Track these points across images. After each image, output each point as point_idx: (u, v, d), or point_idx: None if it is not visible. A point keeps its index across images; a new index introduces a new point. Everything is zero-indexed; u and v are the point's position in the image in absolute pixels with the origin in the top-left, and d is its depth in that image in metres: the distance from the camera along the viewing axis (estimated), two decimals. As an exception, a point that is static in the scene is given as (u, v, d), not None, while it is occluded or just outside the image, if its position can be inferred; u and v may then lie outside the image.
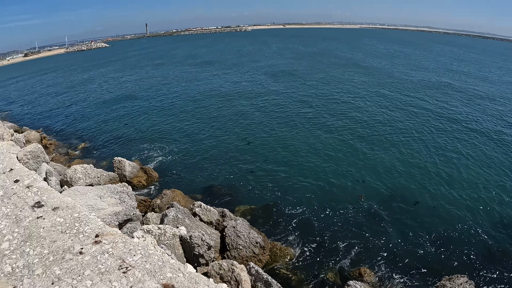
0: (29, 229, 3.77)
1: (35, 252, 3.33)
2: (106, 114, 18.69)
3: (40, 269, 3.07)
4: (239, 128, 14.18)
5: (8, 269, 3.12)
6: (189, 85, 24.92)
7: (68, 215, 4.04)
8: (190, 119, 16.03)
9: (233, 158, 11.11)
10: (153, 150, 12.34)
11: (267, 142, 12.43)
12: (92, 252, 3.20)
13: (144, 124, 15.87)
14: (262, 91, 21.18)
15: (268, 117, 15.61)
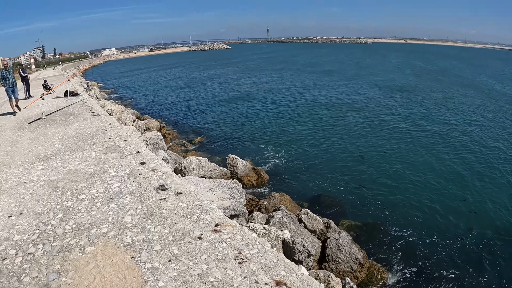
0: (152, 208, 4.24)
1: (156, 230, 3.76)
2: (224, 112, 21.90)
3: (159, 246, 3.48)
4: (353, 140, 15.13)
5: (128, 240, 3.62)
6: (306, 92, 27.82)
7: (190, 202, 4.42)
8: (305, 126, 17.72)
9: (344, 170, 11.81)
10: (267, 152, 13.79)
11: (380, 158, 13.00)
12: (210, 239, 3.55)
13: (260, 126, 18.02)
14: (378, 106, 22.28)
15: (383, 132, 16.30)
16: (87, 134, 8.40)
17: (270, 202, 8.54)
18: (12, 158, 6.99)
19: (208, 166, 10.02)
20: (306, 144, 14.69)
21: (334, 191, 10.28)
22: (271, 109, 21.99)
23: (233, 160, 10.75)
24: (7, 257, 3.45)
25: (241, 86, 33.27)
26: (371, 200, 9.81)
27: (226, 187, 7.80)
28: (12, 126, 10.53)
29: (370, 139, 15.23)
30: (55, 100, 15.24)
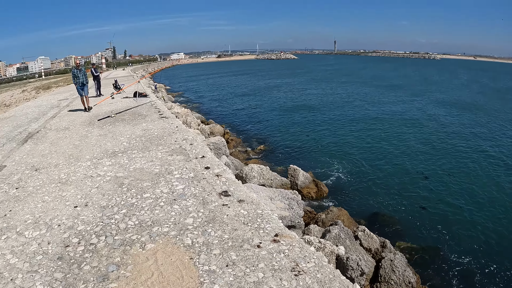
0: (214, 213, 4.62)
1: (216, 234, 4.13)
2: (288, 122, 23.90)
3: (218, 250, 3.81)
4: (416, 158, 16.00)
5: (189, 242, 4.02)
6: (371, 106, 29.64)
7: (252, 210, 4.70)
8: (368, 141, 18.88)
9: (406, 189, 12.51)
10: (328, 165, 14.77)
11: (444, 179, 13.50)
12: (269, 249, 3.83)
13: (323, 138, 19.44)
14: (444, 124, 23.32)
15: (447, 152, 17.01)
16: (154, 135, 9.33)
17: (328, 216, 9.29)
18: (81, 152, 8.11)
19: (269, 175, 10.92)
20: (368, 159, 15.58)
21: (394, 210, 10.96)
22: (335, 122, 23.64)
23: (295, 171, 11.66)
24: (70, 245, 4.07)
25: (306, 96, 36.32)
26: (431, 222, 10.32)
27: (285, 197, 8.49)
28: (82, 121, 12.18)
29: (434, 158, 16.05)
30: (124, 100, 17.18)
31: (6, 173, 7.01)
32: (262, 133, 20.61)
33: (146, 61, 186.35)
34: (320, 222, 9.14)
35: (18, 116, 15.12)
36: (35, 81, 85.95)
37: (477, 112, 28.15)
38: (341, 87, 46.22)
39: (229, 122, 23.93)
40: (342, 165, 14.77)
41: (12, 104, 24.29)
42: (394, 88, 44.79)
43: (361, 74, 68.83)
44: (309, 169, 13.64)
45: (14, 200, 5.50)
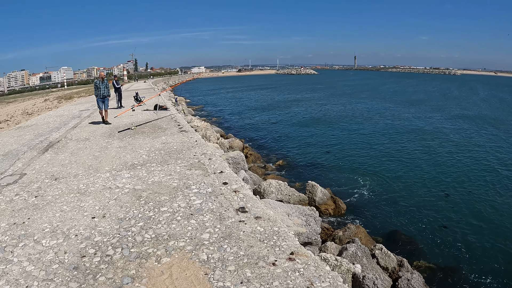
0: (230, 229, 4.68)
1: (232, 250, 4.18)
2: (308, 137, 24.27)
3: (233, 267, 3.86)
4: (438, 175, 15.98)
5: (204, 257, 4.07)
6: (391, 122, 30.25)
7: (268, 227, 4.74)
8: (388, 157, 19.08)
9: (426, 207, 12.46)
10: (347, 182, 14.87)
11: (466, 197, 13.50)
12: (284, 267, 3.86)
13: (342, 154, 19.66)
14: (465, 141, 23.22)
15: (472, 170, 16.94)
16: (174, 148, 9.51)
17: (345, 233, 9.38)
18: (100, 163, 8.33)
19: (287, 191, 11.05)
20: (388, 176, 15.68)
21: (413, 228, 11.00)
22: (355, 138, 23.98)
23: (313, 187, 11.78)
24: (86, 255, 4.17)
25: (325, 111, 37.17)
26: (452, 242, 10.31)
27: (302, 214, 8.59)
28: (102, 132, 12.53)
29: (455, 175, 16.17)
30: (144, 112, 17.60)
31: (26, 181, 7.27)
32: (281, 148, 20.85)
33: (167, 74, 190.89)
34: (337, 239, 9.23)
35: (39, 125, 15.68)
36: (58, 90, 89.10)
37: (497, 128, 28.24)
38: (361, 102, 46.81)
39: (249, 136, 24.30)
40: (361, 181, 14.85)
41: (35, 113, 25.19)
42: (412, 104, 45.12)
43: (381, 90, 70.22)
44: (328, 185, 13.72)
45: (33, 208, 5.69)
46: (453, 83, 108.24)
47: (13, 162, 9.03)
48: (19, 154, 9.94)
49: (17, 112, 29.38)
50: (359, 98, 53.55)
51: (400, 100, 50.17)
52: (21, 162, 8.97)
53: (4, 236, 4.74)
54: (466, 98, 55.80)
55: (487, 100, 53.07)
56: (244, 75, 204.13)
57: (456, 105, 44.91)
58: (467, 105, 45.45)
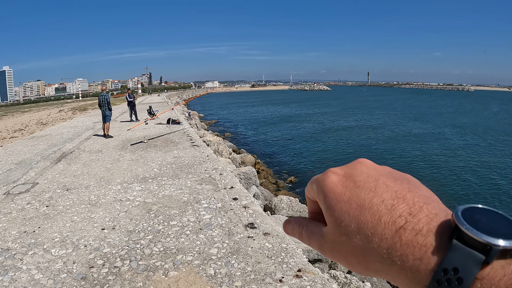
0: (238, 245, 4.71)
1: (239, 266, 4.21)
2: (320, 154, 24.43)
3: (240, 282, 3.88)
4: (455, 192, 16.16)
5: (211, 272, 4.12)
6: (404, 139, 30.54)
7: (276, 243, 4.76)
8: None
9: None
10: None
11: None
12: (291, 284, 3.86)
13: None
14: (478, 156, 23.31)
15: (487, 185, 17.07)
16: (185, 163, 9.63)
17: None
18: (112, 175, 8.49)
19: (298, 207, 11.02)
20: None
21: None
22: (369, 154, 24.08)
23: None
24: (95, 266, 4.25)
25: (338, 128, 37.37)
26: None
27: None
28: (115, 145, 12.76)
29: (472, 190, 16.31)
30: (157, 126, 17.88)
31: (38, 190, 7.45)
32: (294, 164, 20.93)
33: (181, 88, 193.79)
34: None
35: (53, 135, 16.06)
36: (72, 102, 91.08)
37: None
38: (375, 118, 47.37)
39: (261, 151, 24.42)
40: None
41: (49, 123, 25.81)
42: (424, 120, 45.72)
43: (393, 107, 71.36)
44: None
45: (43, 218, 5.83)
46: (466, 98, 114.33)
47: (26, 171, 9.27)
48: (32, 163, 10.20)
49: (32, 122, 30.15)
50: (372, 114, 54.18)
51: (411, 116, 50.53)
52: (34, 171, 9.20)
53: (14, 244, 4.87)
54: (479, 114, 57.08)
55: (498, 114, 55.26)
56: (258, 91, 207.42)
57: (470, 122, 45.31)
58: (479, 120, 46.35)
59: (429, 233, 0.34)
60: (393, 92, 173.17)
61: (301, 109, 63.62)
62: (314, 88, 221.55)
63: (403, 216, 0.36)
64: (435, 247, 0.33)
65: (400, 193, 0.38)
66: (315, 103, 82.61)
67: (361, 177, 0.43)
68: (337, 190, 0.43)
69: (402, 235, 0.35)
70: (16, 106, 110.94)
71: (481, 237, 0.30)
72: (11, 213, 6.12)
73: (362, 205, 0.39)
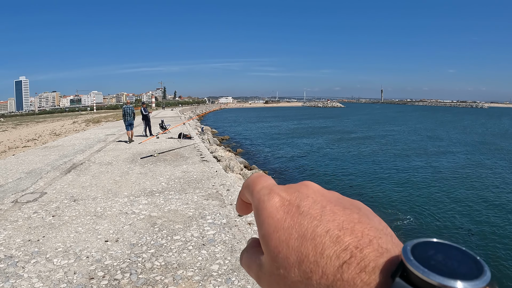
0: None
1: (239, 283, 4.20)
2: (333, 171, 24.30)
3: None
4: (463, 214, 15.75)
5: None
6: (418, 157, 30.34)
7: None
8: (415, 190, 19.26)
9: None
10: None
11: (496, 240, 13.13)
12: None
13: (364, 188, 19.67)
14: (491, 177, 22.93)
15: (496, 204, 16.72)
16: (193, 178, 9.71)
17: None
18: (120, 188, 8.61)
19: None
20: (411, 211, 15.70)
21: None
22: (380, 173, 23.88)
23: None
24: (95, 278, 4.31)
25: (350, 144, 37.43)
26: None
27: None
28: (125, 158, 12.96)
29: (481, 212, 15.95)
30: (168, 140, 18.10)
31: (45, 199, 7.60)
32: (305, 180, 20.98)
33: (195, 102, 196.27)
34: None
35: (65, 146, 16.39)
36: (87, 113, 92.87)
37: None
38: (387, 136, 47.18)
39: (273, 168, 24.46)
40: (383, 215, 14.62)
41: (62, 134, 26.34)
42: (435, 138, 45.50)
43: (406, 124, 71.27)
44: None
45: (49, 227, 5.94)
46: (479, 115, 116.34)
47: (35, 180, 9.47)
48: (42, 173, 10.42)
49: (45, 132, 30.81)
50: (383, 130, 54.30)
51: (423, 135, 49.94)
52: (43, 181, 9.39)
53: (18, 252, 4.97)
54: (489, 130, 57.73)
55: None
56: (271, 107, 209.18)
57: (480, 140, 44.95)
58: (488, 139, 46.22)
59: (375, 270, 0.29)
60: (406, 109, 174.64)
61: (314, 127, 63.39)
62: (327, 105, 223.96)
63: (348, 249, 0.31)
64: (377, 287, 0.28)
65: (349, 223, 0.34)
66: (327, 120, 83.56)
67: (306, 202, 0.38)
68: (277, 216, 0.37)
69: (345, 272, 0.30)
70: (31, 116, 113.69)
71: (431, 276, 0.25)
72: (17, 221, 6.26)
73: (304, 234, 0.34)
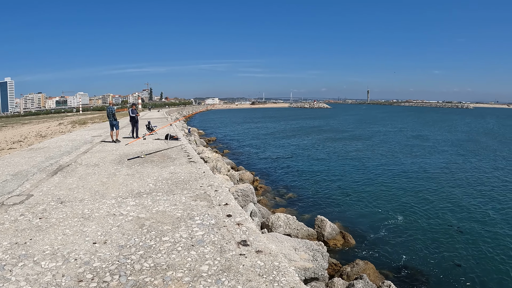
0: (230, 262, 4.70)
1: (229, 284, 4.16)
2: (319, 171, 24.37)
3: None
4: (451, 211, 15.91)
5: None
6: (403, 157, 30.74)
7: (269, 261, 4.75)
8: (400, 191, 19.30)
9: (438, 244, 12.41)
10: (357, 216, 14.86)
11: (482, 236, 13.34)
12: None
13: (354, 189, 19.65)
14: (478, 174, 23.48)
15: (485, 205, 16.77)
16: (181, 179, 9.66)
17: (353, 269, 9.39)
18: (107, 190, 8.50)
19: (295, 225, 11.19)
20: (398, 211, 15.64)
21: (424, 265, 10.92)
22: (366, 172, 24.14)
23: (322, 221, 11.92)
24: (83, 280, 4.24)
25: (336, 145, 37.64)
26: (464, 281, 10.15)
27: (310, 249, 8.62)
28: (112, 159, 12.81)
29: (469, 211, 16.01)
30: (155, 141, 17.97)
31: (32, 202, 7.46)
32: (292, 181, 20.98)
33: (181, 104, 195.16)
34: (344, 275, 9.25)
35: (51, 148, 16.11)
36: (73, 115, 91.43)
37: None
38: (374, 136, 47.63)
39: (259, 169, 24.51)
40: (371, 216, 14.86)
41: (48, 136, 25.88)
42: (420, 138, 46.03)
43: (390, 125, 72.13)
44: (337, 219, 13.87)
45: (36, 230, 5.83)
46: (465, 115, 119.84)
47: (21, 182, 9.28)
48: (28, 175, 10.22)
49: (31, 134, 30.23)
50: (371, 132, 54.55)
51: (408, 135, 50.80)
52: (29, 183, 9.21)
53: (5, 255, 4.86)
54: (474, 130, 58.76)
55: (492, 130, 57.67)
56: (258, 108, 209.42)
57: (467, 138, 46.10)
58: (472, 137, 47.43)
59: None
60: (392, 110, 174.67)
61: (300, 128, 63.71)
62: (314, 106, 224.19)
63: None
64: None
65: None
66: (314, 121, 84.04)
67: None
68: None
69: None
70: (17, 118, 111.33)
71: None
72: (4, 224, 6.12)
73: None
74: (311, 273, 7.80)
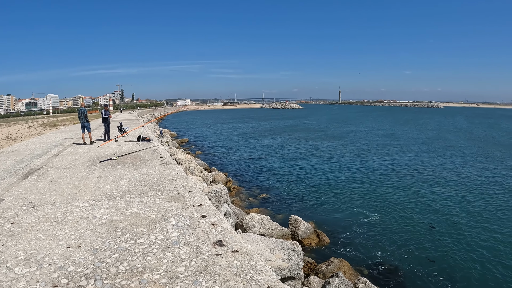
0: (206, 263, 4.67)
1: (207, 284, 4.14)
2: (292, 171, 24.48)
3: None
4: (423, 209, 16.19)
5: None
6: (374, 155, 31.20)
7: (245, 261, 4.77)
8: (372, 190, 19.45)
9: (411, 240, 12.61)
10: (330, 215, 15.02)
11: (453, 232, 13.50)
12: None
13: (327, 187, 19.90)
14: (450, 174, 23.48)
15: (456, 202, 17.05)
16: (154, 180, 9.52)
17: (328, 267, 9.46)
18: (79, 193, 8.28)
19: (269, 225, 11.18)
20: (372, 209, 15.81)
21: (398, 261, 11.02)
22: (338, 171, 24.40)
23: (296, 221, 11.94)
24: (58, 285, 4.12)
25: (308, 146, 37.64)
26: (437, 275, 10.24)
27: (285, 248, 8.63)
28: (84, 162, 12.47)
29: (441, 208, 16.17)
30: (127, 143, 17.60)
31: (3, 207, 7.16)
32: (265, 182, 20.99)
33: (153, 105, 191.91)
34: (320, 274, 9.24)
35: (22, 151, 15.49)
36: (43, 117, 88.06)
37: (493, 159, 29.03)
38: (346, 136, 48.18)
39: (232, 169, 24.45)
40: (344, 214, 14.95)
41: (18, 139, 24.83)
42: (392, 137, 46.55)
43: (362, 125, 73.29)
44: (311, 218, 13.87)
45: (8, 235, 5.61)
46: (436, 115, 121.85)
47: (-10, 187, 8.89)
48: (-3, 179, 9.79)
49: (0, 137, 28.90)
50: (343, 132, 55.23)
51: (379, 134, 51.77)
52: (-1, 188, 8.83)
53: (-24, 263, 4.65)
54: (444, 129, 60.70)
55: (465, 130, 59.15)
56: (230, 109, 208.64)
57: (436, 136, 47.19)
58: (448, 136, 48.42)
59: None
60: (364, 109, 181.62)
61: (271, 129, 63.99)
62: (286, 106, 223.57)
63: None
64: None
65: None
66: (285, 122, 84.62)
67: None
68: None
69: None
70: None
71: None
72: (-27, 230, 5.85)
73: None
74: (287, 272, 7.86)
